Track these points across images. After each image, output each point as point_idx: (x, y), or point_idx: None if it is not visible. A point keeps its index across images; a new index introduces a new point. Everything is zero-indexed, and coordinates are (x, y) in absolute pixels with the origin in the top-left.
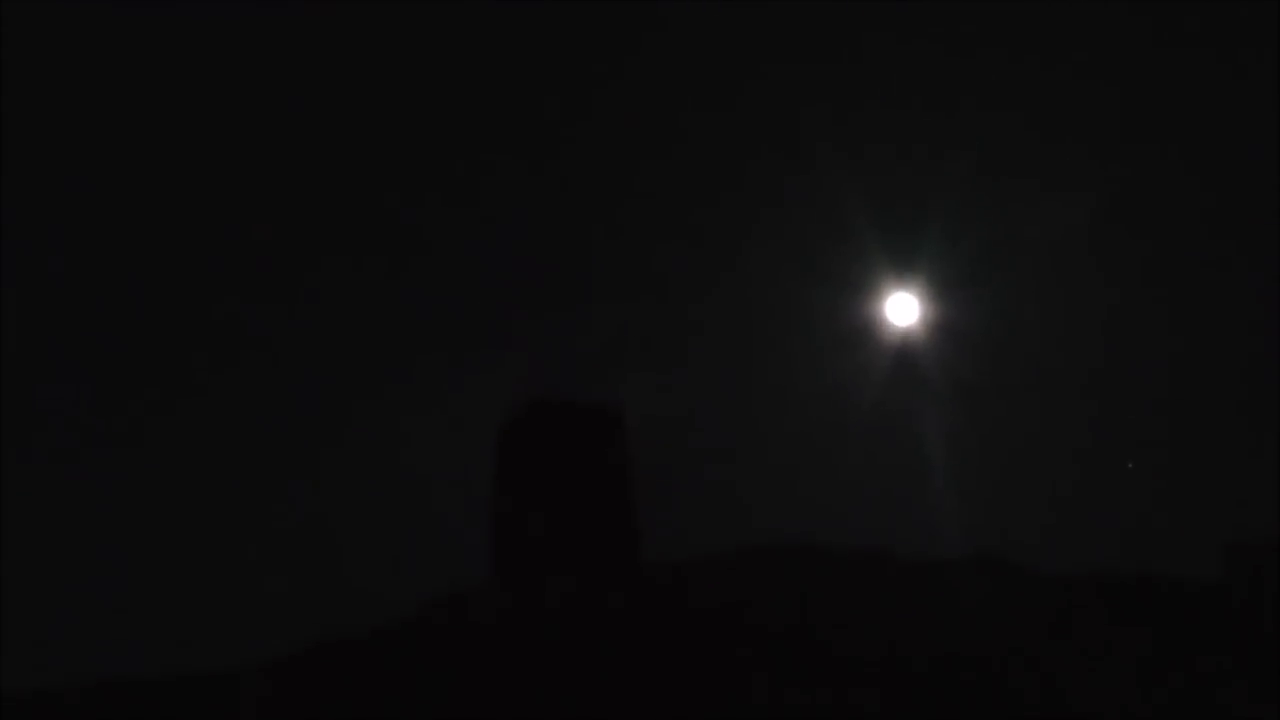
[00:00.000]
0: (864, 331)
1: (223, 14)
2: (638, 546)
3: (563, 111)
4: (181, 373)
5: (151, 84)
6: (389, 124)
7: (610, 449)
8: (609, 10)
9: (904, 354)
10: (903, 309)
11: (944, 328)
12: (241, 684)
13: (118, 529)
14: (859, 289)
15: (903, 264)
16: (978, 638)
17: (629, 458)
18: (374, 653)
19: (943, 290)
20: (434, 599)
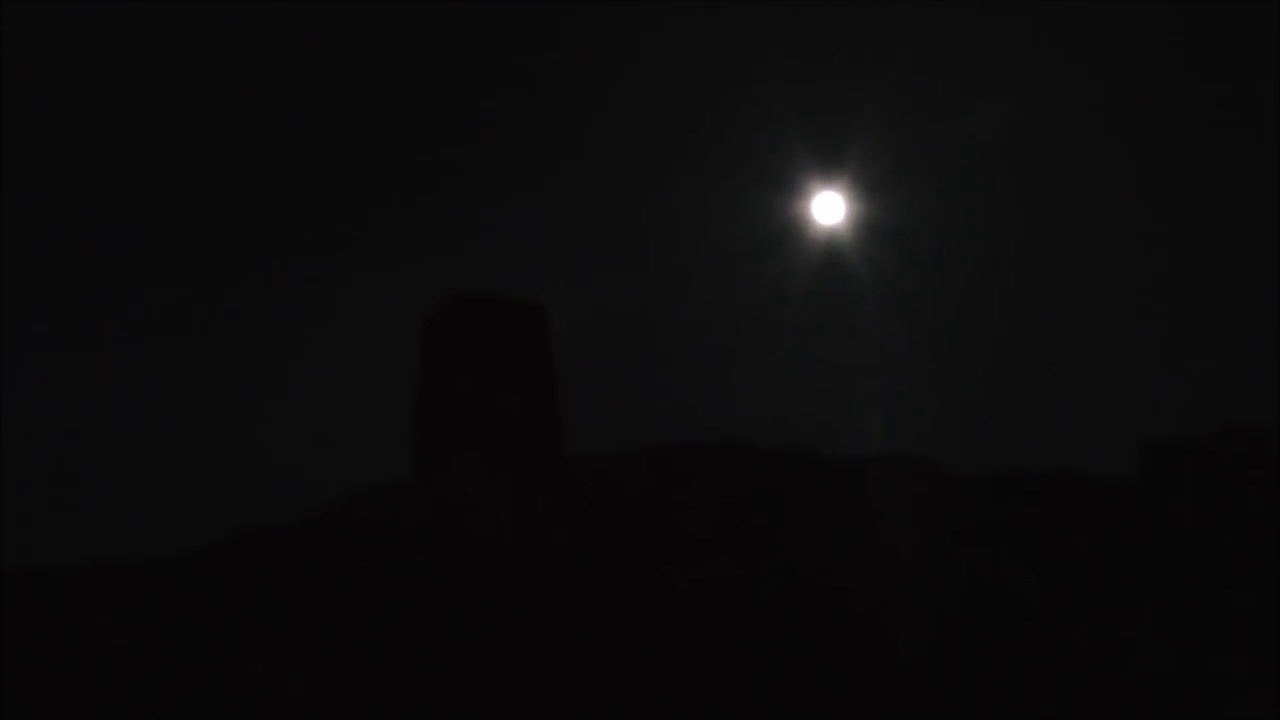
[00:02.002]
0: (791, 230)
1: None
2: (562, 440)
3: (508, 19)
4: (121, 266)
5: None
6: (331, 35)
7: (534, 344)
8: None
9: (830, 253)
10: (829, 208)
11: (870, 227)
12: (165, 573)
13: (43, 421)
14: (786, 188)
15: (829, 164)
16: (900, 534)
17: (553, 353)
18: (298, 543)
19: (869, 190)
20: (358, 491)
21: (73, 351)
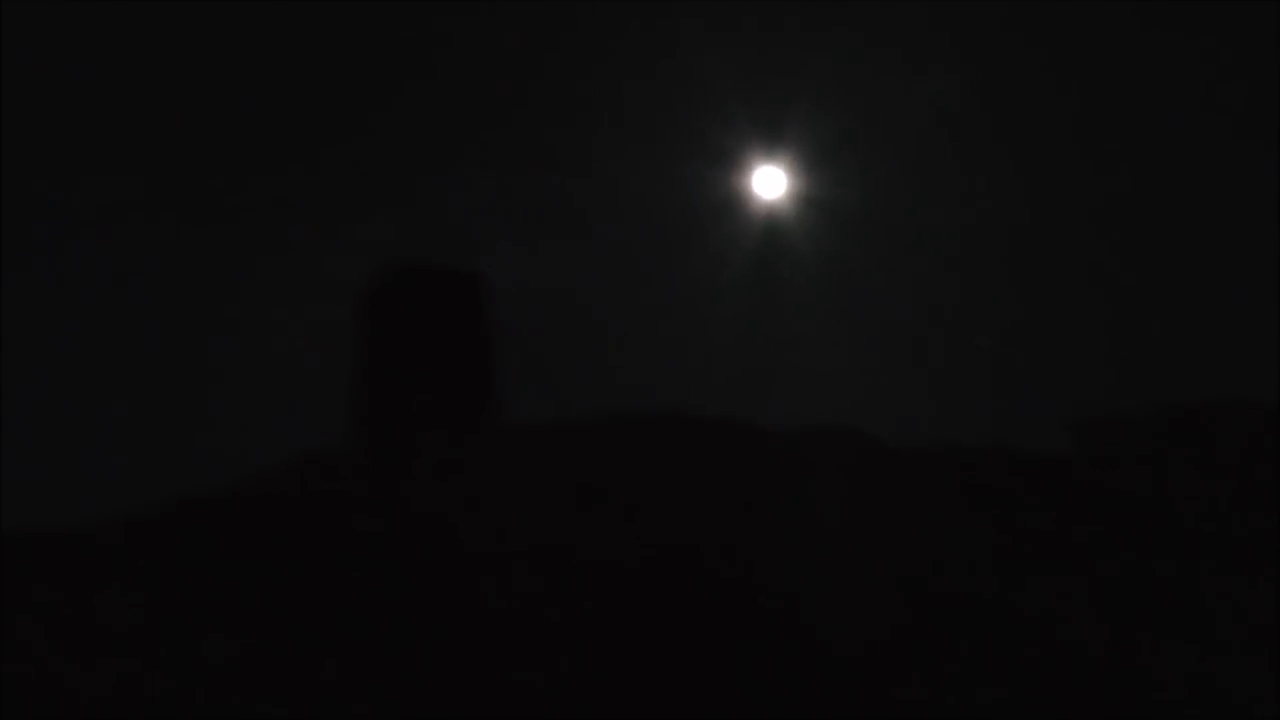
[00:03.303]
0: (732, 204)
1: None
2: (499, 412)
3: None
4: (48, 226)
5: None
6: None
7: (473, 315)
8: None
9: (771, 227)
10: (771, 182)
11: (811, 201)
12: (99, 541)
13: None
14: (727, 162)
15: (771, 138)
16: (836, 508)
17: (492, 324)
18: (229, 513)
19: (810, 165)
20: (296, 459)
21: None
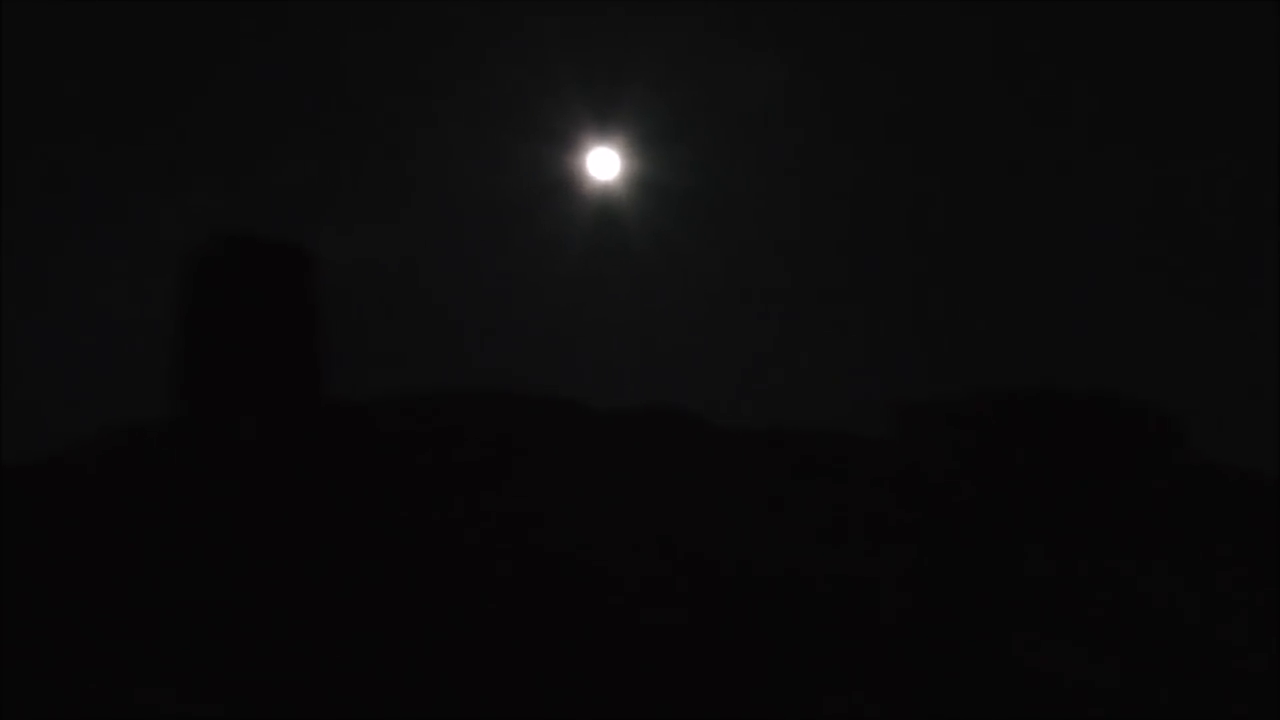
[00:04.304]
0: (565, 185)
1: None
2: (324, 386)
3: None
4: None
5: None
6: None
7: (300, 290)
8: None
9: (604, 208)
10: (604, 163)
11: (644, 183)
12: None
13: None
14: (560, 142)
15: (605, 120)
16: (657, 487)
17: (318, 298)
18: (44, 481)
19: (643, 147)
20: (110, 428)
21: None
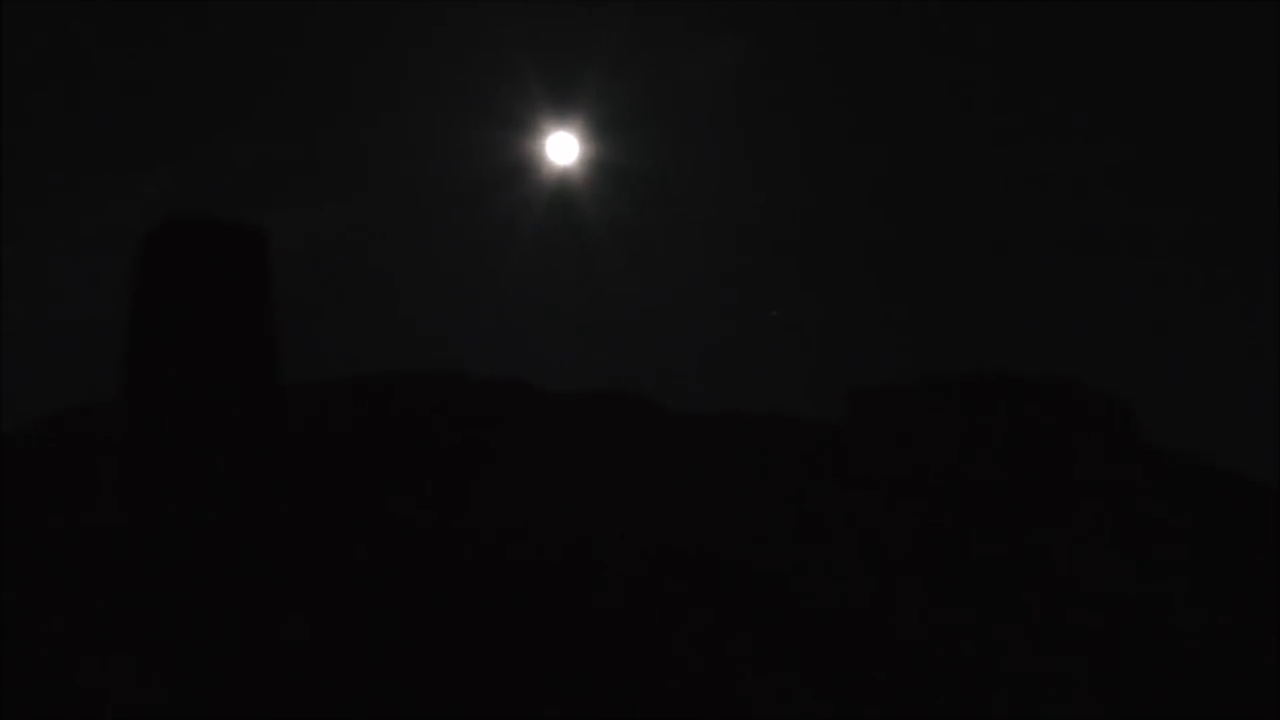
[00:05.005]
0: (523, 168)
1: None
2: (275, 368)
3: None
4: None
5: None
6: None
7: (252, 269)
8: None
9: (562, 191)
10: (563, 148)
11: (602, 166)
12: None
13: None
14: (519, 127)
15: (564, 105)
16: (613, 469)
17: (271, 280)
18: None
19: (601, 131)
20: (60, 411)
21: None
